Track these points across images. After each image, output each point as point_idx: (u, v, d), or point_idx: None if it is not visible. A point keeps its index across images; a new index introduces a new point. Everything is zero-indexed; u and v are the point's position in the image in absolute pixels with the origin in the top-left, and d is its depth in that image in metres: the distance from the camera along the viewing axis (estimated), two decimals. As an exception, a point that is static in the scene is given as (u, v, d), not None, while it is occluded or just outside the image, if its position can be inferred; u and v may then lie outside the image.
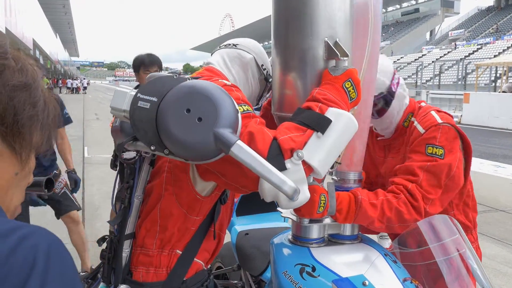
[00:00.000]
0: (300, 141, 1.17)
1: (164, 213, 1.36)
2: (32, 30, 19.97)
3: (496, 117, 16.51)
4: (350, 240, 1.65)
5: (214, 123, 1.07)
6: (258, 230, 2.32)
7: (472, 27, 53.47)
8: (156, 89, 1.14)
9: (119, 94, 1.19)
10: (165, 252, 1.38)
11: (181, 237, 1.39)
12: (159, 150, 1.15)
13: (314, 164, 1.18)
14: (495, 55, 34.44)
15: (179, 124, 1.08)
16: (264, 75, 1.66)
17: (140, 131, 1.14)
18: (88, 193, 6.32)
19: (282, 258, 1.60)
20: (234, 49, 1.63)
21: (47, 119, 0.73)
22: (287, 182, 1.09)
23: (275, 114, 1.50)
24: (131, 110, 1.14)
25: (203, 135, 1.07)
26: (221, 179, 1.27)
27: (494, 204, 5.89)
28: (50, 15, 31.35)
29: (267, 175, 1.08)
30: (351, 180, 1.66)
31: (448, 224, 1.56)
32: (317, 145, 1.18)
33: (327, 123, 1.19)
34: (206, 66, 1.59)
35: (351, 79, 1.29)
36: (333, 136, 1.20)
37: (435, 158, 1.67)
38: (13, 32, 14.82)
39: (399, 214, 1.59)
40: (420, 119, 1.81)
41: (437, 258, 1.50)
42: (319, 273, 1.46)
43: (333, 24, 1.33)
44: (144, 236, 1.38)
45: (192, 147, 1.08)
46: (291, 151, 1.15)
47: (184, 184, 1.35)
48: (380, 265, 1.47)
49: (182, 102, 1.09)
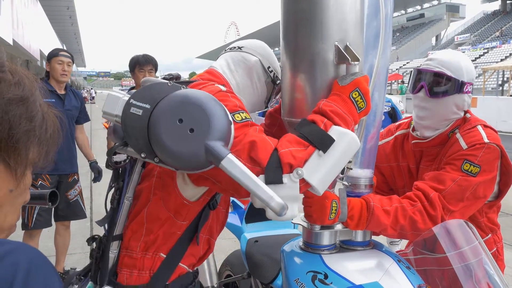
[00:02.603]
0: (300, 158, 1.16)
1: (151, 216, 1.36)
2: (39, 41, 20.18)
3: (504, 121, 16.38)
4: (362, 247, 1.61)
5: (206, 135, 1.07)
6: (268, 237, 2.29)
7: (478, 32, 53.34)
8: (149, 96, 1.13)
9: (112, 99, 1.17)
10: (148, 255, 1.37)
11: (166, 240, 1.38)
12: (149, 158, 1.15)
13: (313, 182, 1.17)
14: (501, 59, 34.28)
15: (171, 134, 1.07)
16: (271, 77, 1.61)
17: (131, 137, 1.14)
18: (96, 203, 6.31)
19: (293, 266, 1.57)
20: (239, 52, 1.60)
21: (45, 134, 0.70)
22: (274, 199, 1.08)
23: (285, 120, 1.48)
24: (123, 115, 1.13)
25: (194, 146, 1.07)
26: (216, 185, 1.26)
27: (505, 209, 5.83)
28: (57, 26, 31.67)
29: (255, 190, 1.07)
30: (362, 185, 1.62)
31: (464, 229, 1.52)
32: (318, 163, 1.17)
33: (330, 143, 1.18)
34: (208, 69, 1.57)
35: (358, 89, 1.26)
36: (335, 156, 1.18)
37: (468, 176, 1.64)
38: (21, 44, 14.98)
39: (413, 223, 1.56)
40: (464, 133, 1.77)
41: (453, 265, 1.46)
42: (331, 281, 1.42)
43: (344, 27, 1.31)
44: (129, 238, 1.38)
45: (182, 157, 1.08)
46: (290, 167, 1.14)
47: (171, 189, 1.35)
48: (394, 272, 1.43)
49: (175, 111, 1.08)
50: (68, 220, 3.80)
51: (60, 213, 3.72)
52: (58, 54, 3.60)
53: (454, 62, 1.78)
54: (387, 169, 2.04)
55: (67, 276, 1.48)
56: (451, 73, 1.75)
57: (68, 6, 27.37)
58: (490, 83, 28.29)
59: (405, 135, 1.99)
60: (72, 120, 3.73)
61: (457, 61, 1.79)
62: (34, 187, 3.49)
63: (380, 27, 1.47)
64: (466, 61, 1.82)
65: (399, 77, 32.86)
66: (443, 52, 1.90)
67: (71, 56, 3.68)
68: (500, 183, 1.78)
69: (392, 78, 30.49)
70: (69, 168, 3.69)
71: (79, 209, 3.79)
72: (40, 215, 3.54)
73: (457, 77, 1.75)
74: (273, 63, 1.62)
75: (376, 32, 1.47)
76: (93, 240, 1.48)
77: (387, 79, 1.64)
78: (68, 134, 3.67)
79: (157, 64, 3.84)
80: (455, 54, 1.84)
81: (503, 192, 1.82)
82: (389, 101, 5.35)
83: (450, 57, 1.81)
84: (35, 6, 19.38)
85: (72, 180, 3.73)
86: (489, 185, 1.68)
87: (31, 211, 3.51)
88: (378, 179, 2.02)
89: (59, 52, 3.64)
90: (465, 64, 1.79)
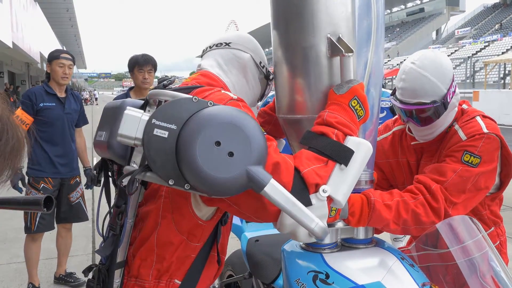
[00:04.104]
0: (324, 176, 1.11)
1: (162, 241, 1.25)
2: (39, 43, 20.19)
3: (507, 114, 16.33)
4: (364, 244, 1.58)
5: (247, 159, 0.97)
6: (268, 236, 2.27)
7: (478, 25, 53.19)
8: (174, 115, 1.00)
9: (130, 119, 1.03)
10: (162, 283, 1.26)
11: (180, 265, 1.28)
12: (178, 185, 1.03)
13: (339, 198, 1.13)
14: (503, 52, 34.16)
15: (208, 159, 0.96)
16: (264, 73, 1.51)
17: (156, 163, 1.01)
18: (97, 206, 6.30)
19: (294, 266, 1.54)
20: (228, 49, 1.46)
21: (4, 149, 0.64)
22: (318, 223, 1.03)
23: (281, 117, 1.45)
24: (146, 139, 1.00)
25: (235, 172, 0.96)
26: (232, 208, 1.16)
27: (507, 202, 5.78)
28: (57, 28, 31.68)
29: (298, 216, 1.02)
30: (362, 182, 1.59)
31: (468, 225, 1.48)
32: (341, 178, 1.14)
33: (350, 155, 1.15)
34: (200, 71, 1.45)
35: (357, 97, 1.23)
36: (356, 168, 1.16)
37: (469, 167, 1.60)
38: (20, 47, 15.00)
39: (415, 216, 1.52)
40: (462, 124, 1.72)
41: (457, 260, 1.43)
42: (333, 280, 1.39)
43: (335, 20, 1.28)
44: (139, 266, 1.26)
45: (221, 184, 0.97)
46: (316, 186, 1.09)
47: (185, 210, 1.24)
48: (398, 270, 1.40)
49: (210, 133, 0.96)
50: (70, 222, 3.79)
51: (62, 216, 3.71)
52: (59, 57, 3.57)
53: (426, 83, 1.64)
54: (386, 166, 2.01)
55: None
56: (430, 97, 1.64)
57: (67, 8, 27.36)
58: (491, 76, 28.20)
59: (403, 130, 1.96)
60: (72, 123, 3.70)
61: (427, 79, 1.64)
62: (36, 190, 3.48)
63: (372, 23, 1.44)
64: (434, 68, 1.65)
65: (400, 72, 32.78)
66: (408, 73, 1.68)
67: (72, 58, 3.65)
68: (501, 174, 1.75)
69: (393, 74, 30.41)
70: (71, 171, 3.68)
71: (81, 211, 3.78)
72: (43, 218, 3.53)
73: (438, 97, 1.65)
74: (263, 57, 1.53)
75: (368, 29, 1.44)
76: (90, 271, 1.34)
77: (382, 75, 1.61)
78: (69, 137, 3.65)
79: (156, 64, 3.80)
80: (419, 71, 1.65)
81: (504, 184, 1.79)
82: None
83: (418, 79, 1.65)
84: (34, 8, 19.39)
85: (74, 183, 3.72)
86: (490, 176, 1.64)
87: (34, 215, 3.50)
88: (377, 176, 1.99)
89: (60, 54, 3.60)
90: (436, 74, 1.64)
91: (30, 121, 3.40)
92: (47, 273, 3.99)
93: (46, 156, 3.53)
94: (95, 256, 4.38)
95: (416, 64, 1.67)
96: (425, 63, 1.66)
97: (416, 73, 1.65)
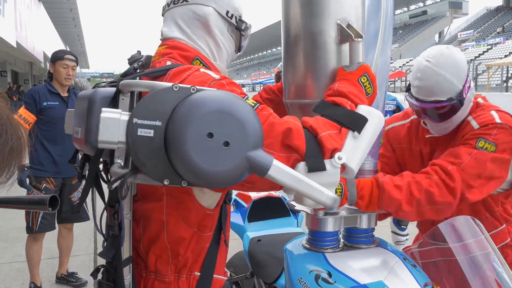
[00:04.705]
0: (340, 142, 1.09)
1: (173, 238, 1.21)
2: (43, 43, 20.23)
3: (510, 117, 16.27)
4: (366, 244, 1.58)
5: (245, 146, 0.92)
6: (270, 236, 2.27)
7: (481, 28, 53.10)
8: (157, 110, 0.93)
9: (108, 123, 0.93)
10: (182, 277, 1.25)
11: (197, 258, 1.26)
12: (175, 183, 0.96)
13: (352, 166, 1.11)
14: (505, 55, 34.08)
15: (203, 152, 0.89)
16: (234, 24, 1.32)
17: (146, 165, 0.94)
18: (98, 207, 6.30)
19: (296, 265, 1.55)
20: (186, 5, 1.27)
21: (2, 150, 0.63)
22: (328, 195, 1.03)
23: (289, 102, 1.46)
24: (131, 141, 0.92)
25: (234, 162, 0.91)
26: (245, 186, 1.10)
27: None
28: (60, 28, 31.74)
29: (307, 191, 1.01)
30: (365, 171, 1.59)
31: (471, 225, 1.49)
32: (354, 146, 1.12)
33: (364, 122, 1.13)
34: (167, 41, 1.28)
35: (367, 74, 1.24)
36: (369, 136, 1.14)
37: (484, 152, 1.59)
38: (24, 46, 15.02)
39: (429, 195, 1.50)
40: (476, 115, 1.72)
41: (460, 262, 1.43)
42: (335, 280, 1.40)
43: (345, 7, 1.31)
44: (155, 262, 1.23)
45: (222, 177, 0.92)
46: (332, 152, 1.07)
47: (190, 204, 1.20)
48: (400, 270, 1.40)
49: (201, 125, 0.90)
50: (71, 222, 3.80)
51: (63, 216, 3.71)
52: (63, 58, 3.56)
53: (442, 81, 1.64)
54: (399, 150, 2.02)
55: None
56: (446, 94, 1.65)
57: (71, 8, 27.43)
58: (494, 79, 28.15)
59: (420, 120, 1.96)
60: None
61: (443, 77, 1.64)
62: (38, 190, 3.48)
63: (380, 23, 1.45)
64: (450, 66, 1.66)
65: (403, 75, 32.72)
66: (423, 71, 1.68)
67: (76, 59, 3.64)
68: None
69: (395, 76, 30.38)
70: (72, 171, 3.68)
71: (83, 211, 3.77)
72: (44, 218, 3.54)
73: (454, 94, 1.65)
74: (230, 3, 1.32)
75: (376, 30, 1.45)
76: (98, 272, 1.30)
77: (388, 78, 1.62)
78: (71, 137, 3.63)
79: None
80: (435, 69, 1.65)
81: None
82: (394, 99, 5.30)
83: (434, 77, 1.65)
84: (38, 8, 19.44)
85: (76, 183, 3.72)
86: (504, 165, 1.62)
87: (36, 215, 3.50)
88: (391, 156, 2.01)
89: (64, 55, 3.59)
90: (452, 72, 1.65)
91: (33, 120, 3.40)
92: (49, 273, 3.99)
93: (49, 156, 3.53)
94: (97, 256, 4.39)
95: (431, 62, 1.67)
96: (440, 61, 1.66)
97: (431, 71, 1.66)
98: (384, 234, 2.36)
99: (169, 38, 1.28)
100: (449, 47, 1.75)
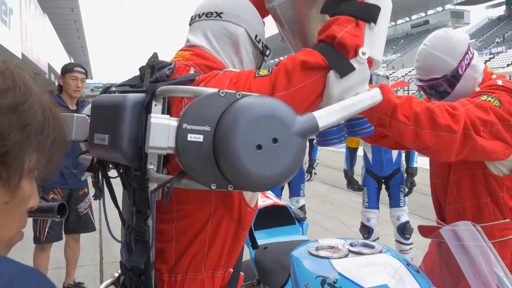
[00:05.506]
0: (360, 37, 1.08)
1: (215, 232, 1.17)
2: (47, 54, 20.38)
3: None
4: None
5: (289, 133, 0.94)
6: (276, 243, 2.30)
7: (483, 37, 53.22)
8: (205, 115, 0.93)
9: (159, 129, 0.93)
10: (218, 274, 1.22)
11: (232, 255, 1.25)
12: (221, 187, 0.96)
13: (377, 57, 1.11)
14: (508, 64, 34.13)
15: (254, 158, 0.91)
16: (259, 48, 1.34)
17: (196, 170, 0.93)
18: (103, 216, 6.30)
19: (302, 271, 1.59)
20: (219, 21, 1.28)
21: (44, 142, 0.63)
22: (371, 95, 1.07)
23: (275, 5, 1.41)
24: (181, 146, 0.92)
25: (288, 158, 0.94)
26: None
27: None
28: (65, 39, 32.01)
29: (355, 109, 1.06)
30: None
31: (472, 232, 1.52)
32: (372, 36, 1.11)
33: (378, 11, 1.11)
34: (192, 48, 1.28)
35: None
36: (383, 23, 1.13)
37: (488, 102, 1.61)
38: (29, 57, 15.15)
39: (430, 114, 1.45)
40: (483, 86, 1.78)
41: (462, 267, 1.47)
42: (341, 285, 1.44)
43: None
44: (190, 261, 1.18)
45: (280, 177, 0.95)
46: (355, 49, 1.07)
47: (235, 198, 1.17)
48: (403, 275, 1.44)
49: (250, 135, 0.91)
50: (78, 233, 3.83)
51: (70, 226, 3.74)
52: (73, 70, 3.63)
53: (436, 61, 1.80)
54: None
55: None
56: (441, 72, 1.78)
57: (75, 19, 27.71)
58: (496, 88, 28.18)
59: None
60: None
61: (436, 57, 1.79)
62: (45, 201, 3.52)
63: None
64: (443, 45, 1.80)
65: (405, 84, 32.79)
66: (420, 53, 1.87)
67: (85, 72, 3.71)
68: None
69: (398, 85, 30.43)
70: (79, 182, 3.71)
71: (89, 222, 3.81)
72: (51, 229, 3.58)
73: (448, 71, 1.77)
74: (259, 29, 1.34)
75: None
76: (119, 280, 1.26)
77: None
78: (78, 148, 3.67)
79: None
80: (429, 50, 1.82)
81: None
82: None
83: (428, 57, 1.82)
84: (43, 19, 19.62)
85: (83, 193, 3.76)
86: (509, 127, 1.59)
87: (43, 225, 3.54)
88: None
89: (74, 67, 3.66)
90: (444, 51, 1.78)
91: None
92: (56, 283, 3.92)
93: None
94: (103, 266, 4.42)
95: (427, 45, 1.85)
96: (434, 42, 1.84)
97: (426, 52, 1.84)
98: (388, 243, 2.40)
99: (196, 46, 1.28)
100: (447, 29, 1.89)
